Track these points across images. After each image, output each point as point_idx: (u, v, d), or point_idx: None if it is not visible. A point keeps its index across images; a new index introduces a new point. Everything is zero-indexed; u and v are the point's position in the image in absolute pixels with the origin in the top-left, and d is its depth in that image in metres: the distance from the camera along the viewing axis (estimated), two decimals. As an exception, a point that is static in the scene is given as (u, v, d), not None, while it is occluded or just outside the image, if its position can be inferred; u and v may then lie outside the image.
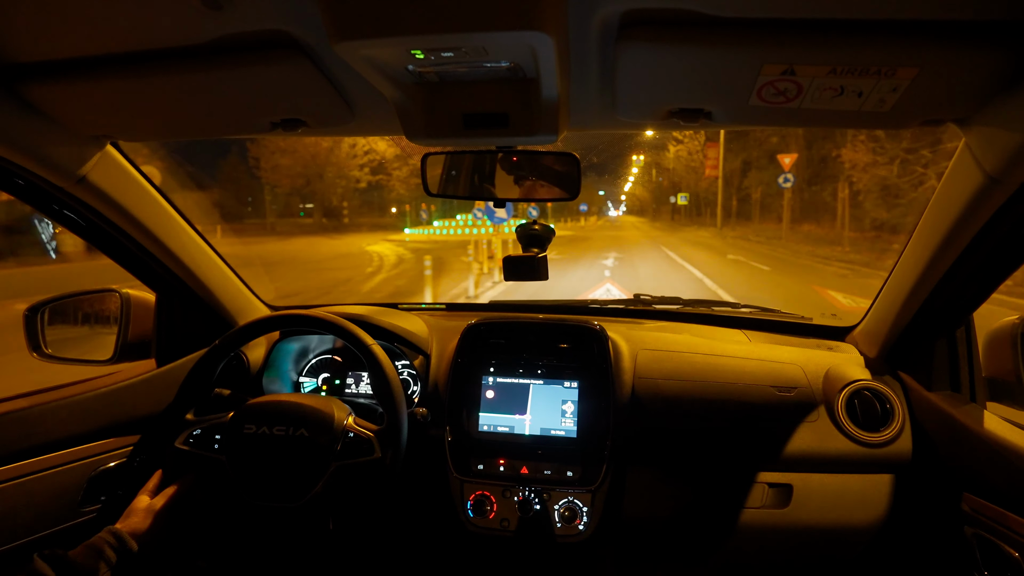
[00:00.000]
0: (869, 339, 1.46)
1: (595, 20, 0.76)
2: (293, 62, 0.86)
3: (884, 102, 0.82)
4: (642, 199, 69.05)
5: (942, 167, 10.09)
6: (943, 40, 0.71)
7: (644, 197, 66.67)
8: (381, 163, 33.43)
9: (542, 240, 1.27)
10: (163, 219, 1.37)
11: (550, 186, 1.19)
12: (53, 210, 1.24)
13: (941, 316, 1.24)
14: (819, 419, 1.35)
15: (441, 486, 1.43)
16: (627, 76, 0.86)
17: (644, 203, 68.30)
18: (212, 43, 0.84)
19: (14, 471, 1.19)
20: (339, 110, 1.03)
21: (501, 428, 1.45)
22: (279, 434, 1.14)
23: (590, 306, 1.90)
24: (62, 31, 0.83)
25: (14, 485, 1.18)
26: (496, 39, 0.73)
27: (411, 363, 1.58)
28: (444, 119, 0.95)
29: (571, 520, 1.36)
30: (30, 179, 1.13)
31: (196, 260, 1.48)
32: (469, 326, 1.53)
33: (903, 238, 1.21)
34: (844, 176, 18.05)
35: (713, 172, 28.95)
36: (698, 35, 0.75)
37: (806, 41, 0.74)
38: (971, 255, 1.05)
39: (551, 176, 1.19)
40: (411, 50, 0.76)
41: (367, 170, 35.75)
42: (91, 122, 1.10)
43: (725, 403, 1.39)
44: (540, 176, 1.20)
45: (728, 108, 0.92)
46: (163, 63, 0.89)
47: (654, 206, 60.02)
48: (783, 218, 21.76)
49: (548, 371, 1.48)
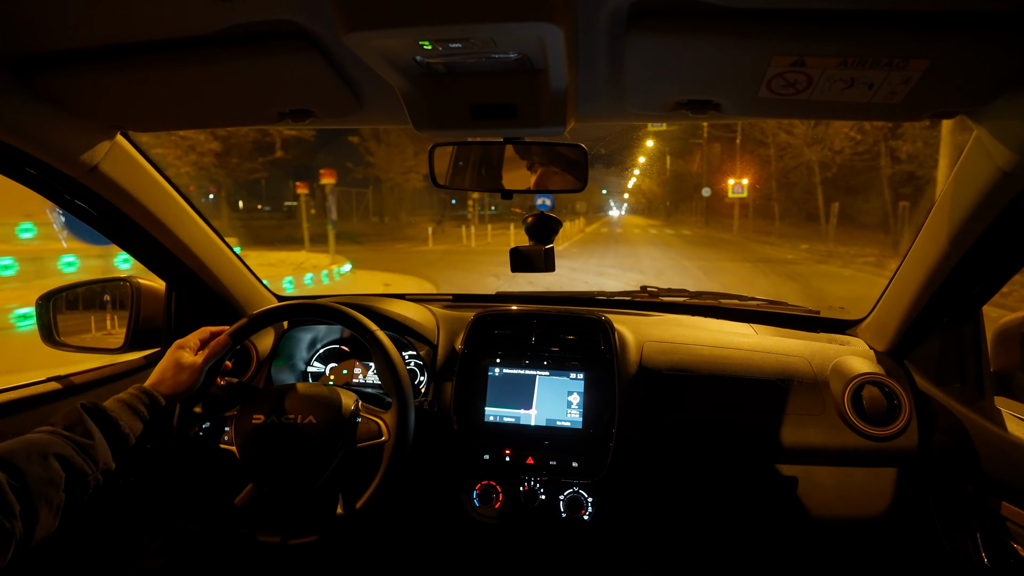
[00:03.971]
0: (877, 332, 1.46)
1: (604, 11, 0.76)
2: (302, 53, 0.86)
3: (895, 94, 0.82)
4: (649, 194, 59.10)
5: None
6: (955, 32, 0.70)
7: (653, 191, 56.62)
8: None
9: (550, 232, 1.27)
10: (173, 209, 1.38)
11: (558, 177, 1.19)
12: (65, 199, 1.26)
13: (950, 310, 1.23)
14: (825, 412, 1.35)
15: (447, 476, 1.45)
16: (636, 67, 0.86)
17: (653, 199, 58.20)
18: (221, 33, 0.84)
19: None
20: (347, 100, 1.03)
21: (507, 419, 1.46)
22: (288, 422, 1.15)
23: (596, 298, 1.90)
24: (73, 22, 0.84)
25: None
26: (504, 30, 0.73)
27: (418, 353, 1.58)
28: (451, 110, 0.95)
29: (576, 510, 1.37)
30: (42, 169, 1.14)
31: (206, 250, 1.49)
32: (476, 317, 1.54)
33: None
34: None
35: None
36: (707, 26, 0.75)
37: (816, 32, 0.73)
38: (981, 249, 1.04)
39: (559, 167, 1.19)
40: (419, 41, 0.76)
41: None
42: (102, 112, 1.10)
43: (731, 395, 1.39)
44: (548, 167, 1.20)
45: (737, 100, 0.92)
46: (173, 53, 0.89)
47: (668, 203, 50.42)
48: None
49: (554, 362, 1.48)
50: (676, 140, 34.55)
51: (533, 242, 1.27)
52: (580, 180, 1.15)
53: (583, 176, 1.15)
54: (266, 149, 21.99)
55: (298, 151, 24.34)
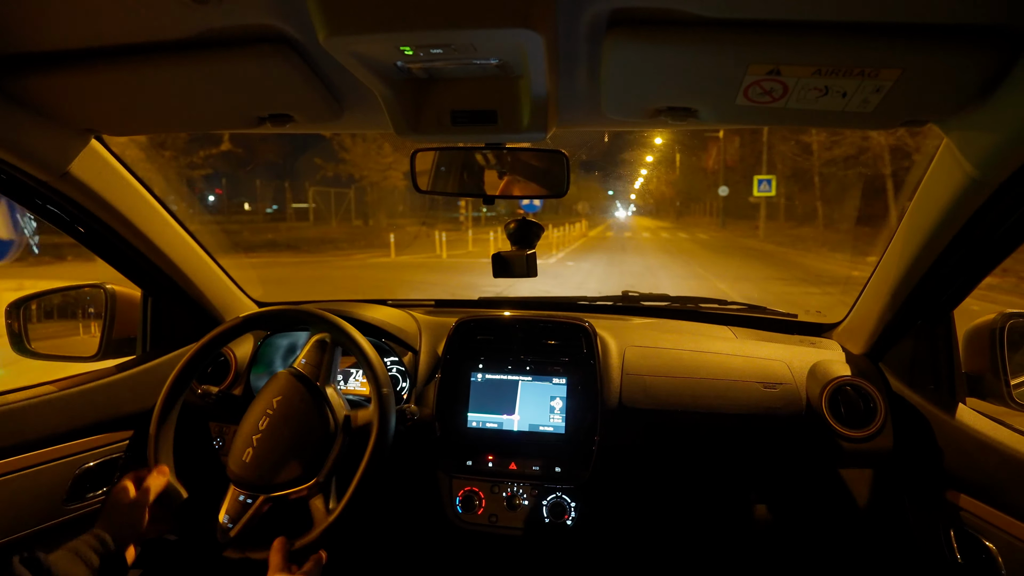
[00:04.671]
0: (852, 336, 1.48)
1: (583, 18, 0.77)
2: (281, 57, 0.86)
3: (868, 102, 0.83)
4: (657, 194, 54.76)
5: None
6: (925, 42, 0.72)
7: (661, 192, 52.25)
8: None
9: (532, 237, 1.28)
10: (148, 214, 1.36)
11: (539, 183, 1.20)
12: (36, 204, 1.23)
13: (923, 313, 1.26)
14: (803, 414, 1.37)
15: (429, 482, 1.44)
16: (615, 74, 0.86)
17: (661, 200, 54.06)
18: (199, 37, 0.83)
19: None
20: (327, 105, 1.02)
21: (490, 424, 1.45)
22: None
23: (579, 303, 1.91)
24: (48, 23, 0.82)
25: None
26: (485, 36, 0.73)
27: (400, 360, 1.57)
28: (432, 115, 0.96)
29: (559, 515, 1.36)
30: (12, 173, 1.12)
31: (182, 255, 1.47)
32: (458, 322, 1.54)
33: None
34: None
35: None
36: (685, 35, 0.76)
37: (792, 42, 0.75)
38: (952, 253, 1.07)
39: (540, 173, 1.19)
40: (400, 46, 0.76)
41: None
42: (76, 116, 1.08)
43: (712, 399, 1.40)
44: (529, 173, 1.20)
45: (715, 107, 0.93)
46: (149, 56, 0.88)
47: (677, 203, 47.77)
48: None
49: (536, 367, 1.49)
50: (688, 135, 31.53)
51: (515, 247, 1.28)
52: (560, 186, 1.16)
53: (564, 181, 1.16)
54: (208, 141, 19.29)
55: (254, 144, 21.46)
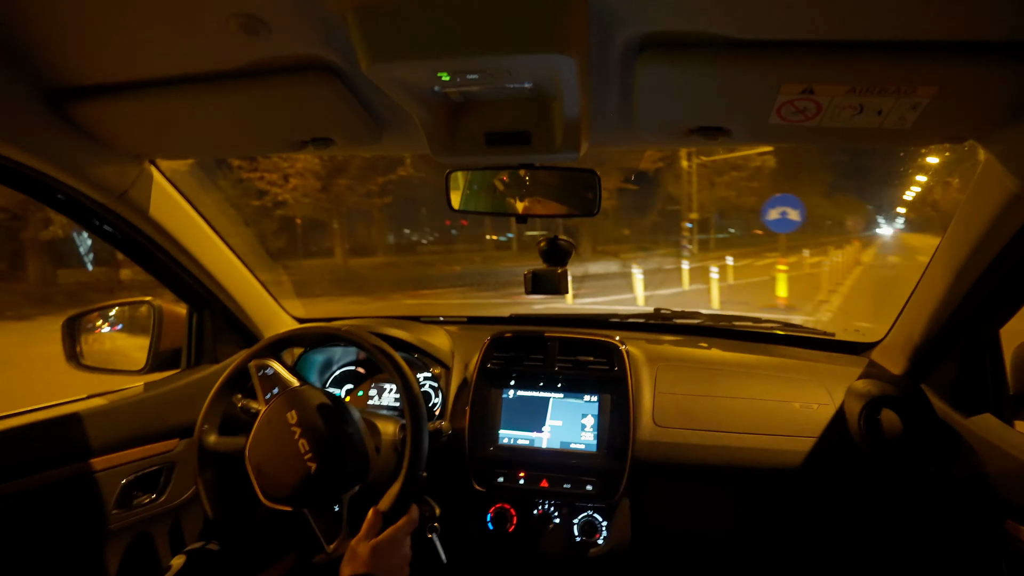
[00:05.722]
0: (893, 354, 1.44)
1: (616, 42, 0.79)
2: (325, 84, 0.90)
3: (904, 120, 0.83)
4: (942, 205, 38.28)
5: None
6: (961, 59, 0.72)
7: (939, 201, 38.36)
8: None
9: (565, 255, 1.29)
10: (197, 235, 1.42)
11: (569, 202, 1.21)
12: (93, 224, 1.30)
13: (966, 332, 1.22)
14: (840, 434, 1.34)
15: (461, 499, 1.44)
16: (647, 96, 0.88)
17: (942, 211, 39.54)
18: (248, 66, 0.88)
19: (49, 477, 1.23)
20: (368, 129, 1.06)
21: (521, 441, 1.46)
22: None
23: (610, 320, 1.90)
24: (108, 57, 0.88)
25: (48, 491, 1.22)
26: (519, 61, 0.76)
27: (432, 375, 1.59)
28: (468, 137, 0.98)
29: (590, 534, 1.35)
30: (72, 195, 1.18)
31: (227, 274, 1.53)
32: (491, 338, 1.55)
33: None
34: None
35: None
36: (717, 56, 0.77)
37: (825, 61, 0.75)
38: (997, 269, 1.04)
39: (571, 192, 1.21)
40: (438, 72, 0.79)
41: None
42: (132, 142, 1.15)
43: (746, 418, 1.38)
44: (560, 192, 1.22)
45: (748, 126, 0.94)
46: (201, 86, 0.93)
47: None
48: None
49: (568, 384, 1.48)
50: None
51: (547, 265, 1.29)
52: (592, 205, 1.18)
53: (596, 200, 1.17)
54: (384, 167, 18.42)
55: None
